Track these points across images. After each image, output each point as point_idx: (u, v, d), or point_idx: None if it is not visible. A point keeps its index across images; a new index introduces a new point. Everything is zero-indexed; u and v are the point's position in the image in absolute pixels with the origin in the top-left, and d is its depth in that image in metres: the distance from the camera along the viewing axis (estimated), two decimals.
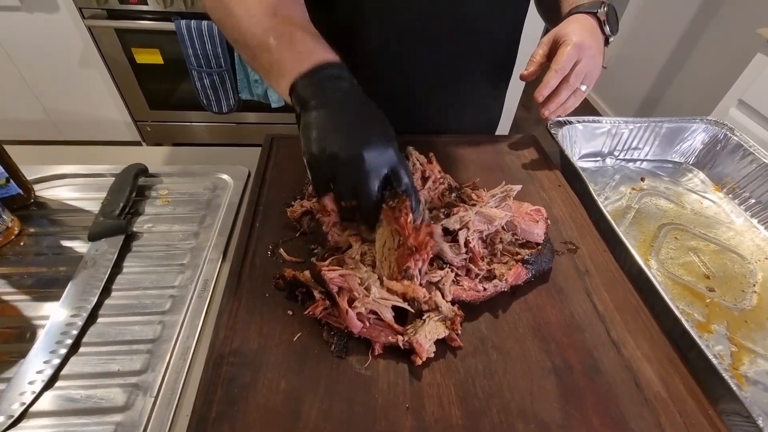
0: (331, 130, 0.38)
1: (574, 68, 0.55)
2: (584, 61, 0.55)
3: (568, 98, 0.57)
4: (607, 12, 0.57)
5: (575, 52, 0.54)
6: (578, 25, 0.55)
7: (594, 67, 0.56)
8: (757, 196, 0.66)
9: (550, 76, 0.55)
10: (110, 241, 0.51)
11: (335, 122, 0.38)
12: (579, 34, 0.54)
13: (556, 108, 0.58)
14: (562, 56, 0.53)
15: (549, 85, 0.55)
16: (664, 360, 0.41)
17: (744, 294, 0.54)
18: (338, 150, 0.37)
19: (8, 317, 0.45)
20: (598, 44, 0.56)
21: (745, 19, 1.84)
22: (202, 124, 1.96)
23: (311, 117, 0.39)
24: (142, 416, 0.37)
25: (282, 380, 0.37)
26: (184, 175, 0.63)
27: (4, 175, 0.53)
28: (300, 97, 0.40)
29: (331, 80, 0.41)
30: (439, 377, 0.38)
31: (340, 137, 0.38)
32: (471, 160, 0.66)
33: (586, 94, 0.58)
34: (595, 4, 0.57)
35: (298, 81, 0.40)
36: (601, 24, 0.57)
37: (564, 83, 0.55)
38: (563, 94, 0.56)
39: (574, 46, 0.53)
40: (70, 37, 1.64)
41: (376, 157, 0.37)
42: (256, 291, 0.44)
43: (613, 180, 0.72)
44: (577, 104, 0.59)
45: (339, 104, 0.39)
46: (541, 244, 0.48)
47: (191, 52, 1.60)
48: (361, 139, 0.37)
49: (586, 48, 0.54)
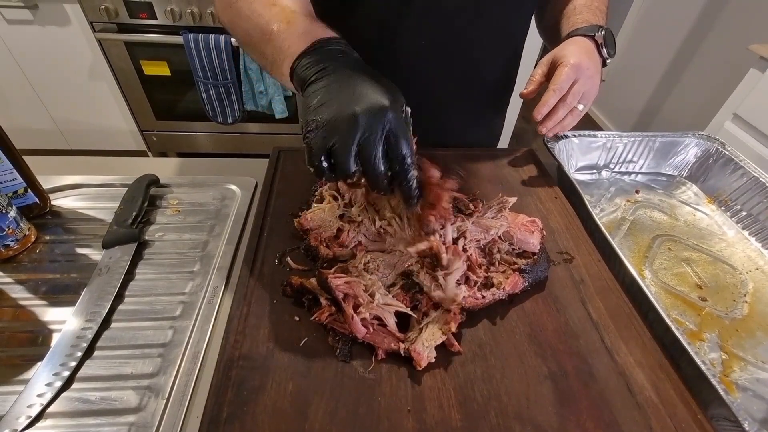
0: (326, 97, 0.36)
1: (571, 88, 0.57)
2: (581, 82, 0.57)
3: (566, 117, 0.59)
4: (604, 35, 0.59)
5: (573, 73, 0.56)
6: (576, 47, 0.58)
7: (591, 87, 0.58)
8: (748, 208, 0.68)
9: (548, 95, 0.57)
10: (123, 249, 0.53)
11: (330, 90, 0.36)
12: (577, 55, 0.56)
13: (554, 126, 0.60)
14: (560, 77, 0.56)
15: (547, 104, 0.57)
16: (656, 366, 0.42)
17: (735, 303, 0.56)
18: (333, 114, 0.35)
19: (24, 321, 0.47)
20: (595, 65, 0.58)
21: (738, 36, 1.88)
22: (206, 134, 2.00)
23: (309, 91, 0.38)
24: (154, 417, 0.38)
25: (289, 383, 0.38)
26: (193, 185, 0.66)
27: (23, 184, 0.56)
28: (299, 77, 0.39)
29: (329, 54, 0.39)
30: (440, 381, 0.40)
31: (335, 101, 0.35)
32: (470, 173, 0.68)
33: (583, 114, 0.61)
34: (593, 27, 0.60)
35: (296, 62, 0.40)
36: (599, 46, 0.60)
37: (561, 102, 0.57)
38: (560, 113, 0.58)
39: (572, 67, 0.55)
40: (80, 49, 1.68)
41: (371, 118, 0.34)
42: (264, 298, 0.46)
43: (609, 192, 0.74)
44: (575, 123, 0.61)
45: (336, 74, 0.37)
46: (537, 253, 0.50)
47: (198, 65, 1.63)
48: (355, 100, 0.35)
49: (583, 69, 0.56)
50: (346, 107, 0.35)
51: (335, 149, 0.35)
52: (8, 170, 0.53)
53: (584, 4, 0.64)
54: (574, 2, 0.65)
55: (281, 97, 1.76)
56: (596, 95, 0.60)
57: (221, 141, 2.03)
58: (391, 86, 0.38)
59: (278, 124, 1.89)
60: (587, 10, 0.63)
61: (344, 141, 0.35)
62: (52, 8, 1.58)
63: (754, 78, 1.33)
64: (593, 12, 0.63)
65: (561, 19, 0.66)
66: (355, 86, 0.36)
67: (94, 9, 1.55)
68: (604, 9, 0.65)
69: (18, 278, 0.51)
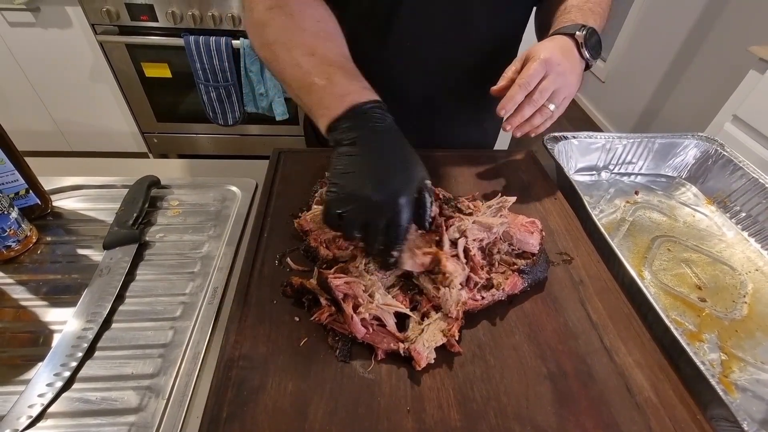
0: (352, 168, 0.40)
1: (539, 84, 0.53)
2: (551, 78, 0.52)
3: (534, 115, 0.55)
4: (585, 35, 0.55)
5: (541, 68, 0.52)
6: (551, 43, 0.55)
7: (564, 85, 0.54)
8: (747, 209, 0.68)
9: (513, 90, 0.53)
10: (124, 250, 0.54)
11: (356, 161, 0.40)
12: (549, 51, 0.53)
13: (521, 123, 0.55)
14: (528, 71, 0.52)
15: (512, 100, 0.53)
16: (655, 367, 0.42)
17: (735, 304, 0.56)
18: (353, 189, 0.39)
19: (25, 322, 0.47)
20: (570, 63, 0.55)
21: (737, 37, 1.89)
22: (207, 135, 2.00)
23: (340, 152, 0.42)
24: (154, 417, 0.39)
25: (289, 383, 0.39)
26: (194, 186, 0.66)
27: (24, 186, 0.56)
28: (334, 138, 0.43)
29: (364, 120, 0.43)
30: (439, 381, 0.40)
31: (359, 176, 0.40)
32: (469, 174, 0.69)
33: (556, 116, 0.56)
34: (575, 26, 0.57)
35: (332, 124, 0.43)
36: (579, 46, 0.56)
37: (528, 99, 0.53)
38: (527, 110, 0.54)
39: (541, 62, 0.52)
40: (82, 51, 1.69)
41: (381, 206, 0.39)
42: (264, 298, 0.46)
43: (608, 193, 0.74)
44: (548, 125, 0.57)
45: (365, 145, 0.41)
46: (536, 254, 0.50)
47: (199, 67, 1.64)
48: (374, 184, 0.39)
49: (553, 64, 0.52)
50: (364, 188, 0.39)
51: (345, 217, 0.40)
52: (10, 171, 0.54)
53: (576, 5, 0.61)
54: (567, 2, 0.63)
55: (281, 99, 1.77)
56: (571, 96, 0.56)
57: (222, 143, 2.03)
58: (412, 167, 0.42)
59: (278, 125, 1.90)
60: (578, 10, 0.60)
61: (354, 215, 0.40)
62: (54, 11, 1.59)
63: (754, 79, 1.33)
64: (583, 12, 0.60)
65: (552, 20, 0.64)
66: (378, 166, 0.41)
67: (96, 11, 1.55)
68: (599, 10, 0.62)
69: (19, 279, 0.51)
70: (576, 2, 0.62)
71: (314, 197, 0.57)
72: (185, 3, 1.55)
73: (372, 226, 0.40)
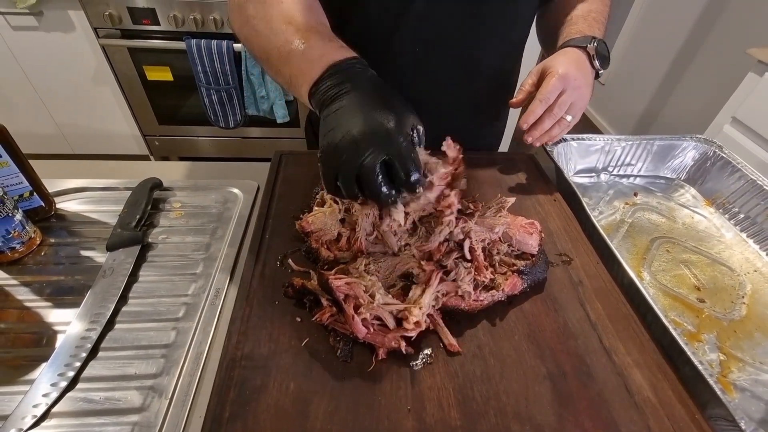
0: (335, 123, 0.38)
1: (558, 99, 0.56)
2: (569, 92, 0.56)
3: (553, 127, 0.59)
4: (596, 47, 0.59)
5: (560, 84, 0.55)
6: (566, 57, 0.58)
7: (579, 98, 0.58)
8: (745, 211, 0.68)
9: (534, 105, 0.57)
10: (127, 252, 0.54)
11: (340, 115, 0.39)
12: (565, 66, 0.56)
13: (540, 135, 0.59)
14: (547, 87, 0.55)
15: (533, 114, 0.57)
16: (654, 367, 0.43)
17: (733, 305, 0.56)
18: (338, 139, 0.37)
19: (29, 323, 0.48)
20: (584, 77, 0.58)
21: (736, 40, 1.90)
22: (208, 138, 2.01)
23: (323, 115, 0.40)
24: (157, 417, 0.39)
25: (291, 383, 0.39)
26: (196, 189, 0.67)
27: (29, 188, 0.56)
28: (317, 101, 0.42)
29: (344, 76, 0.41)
30: (439, 381, 0.40)
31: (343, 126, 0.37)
32: (470, 176, 0.69)
33: (572, 125, 0.60)
34: (586, 38, 0.59)
35: (313, 88, 0.42)
36: (590, 58, 0.59)
37: (548, 112, 0.57)
38: (546, 123, 0.58)
39: (560, 77, 0.55)
40: (84, 55, 1.70)
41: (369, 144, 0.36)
42: (266, 299, 0.47)
43: (607, 195, 0.74)
44: (564, 133, 0.61)
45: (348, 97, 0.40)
46: (536, 255, 0.51)
47: (200, 70, 1.65)
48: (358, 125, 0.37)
49: (570, 79, 0.56)
50: (348, 133, 0.37)
51: (340, 174, 0.38)
52: (14, 174, 0.54)
53: (581, 15, 0.64)
54: (572, 13, 0.65)
55: (282, 102, 1.78)
56: (585, 107, 0.60)
57: (223, 145, 2.04)
58: (400, 108, 0.39)
59: (279, 128, 1.91)
60: (583, 20, 0.63)
61: (345, 167, 0.37)
62: (57, 14, 1.60)
63: (753, 81, 1.34)
64: (589, 23, 0.63)
65: (558, 29, 0.66)
66: (361, 111, 0.38)
67: (98, 15, 1.56)
68: (602, 19, 0.65)
69: (23, 280, 0.52)
70: (581, 12, 0.65)
71: (315, 199, 0.58)
72: (187, 7, 1.56)
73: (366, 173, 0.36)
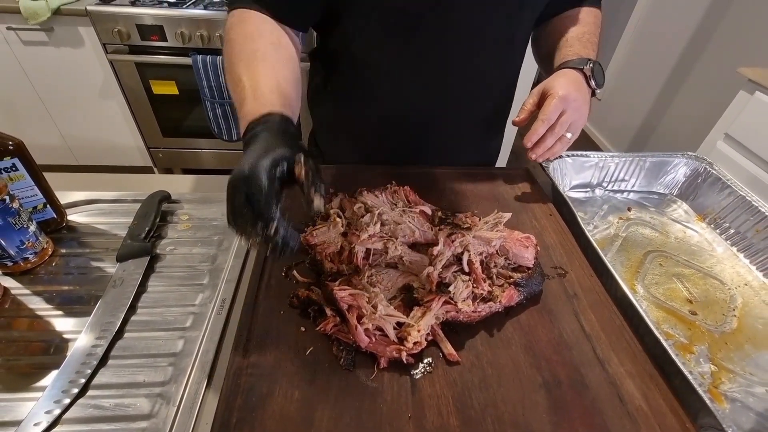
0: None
1: (559, 118, 0.60)
2: (569, 113, 0.60)
3: (555, 144, 0.63)
4: (592, 68, 0.63)
5: (561, 104, 0.59)
6: (565, 79, 0.61)
7: (579, 117, 0.62)
8: (736, 226, 0.70)
9: (537, 125, 0.60)
10: (136, 262, 0.56)
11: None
12: (565, 87, 0.60)
13: (543, 152, 0.63)
14: (548, 108, 0.59)
15: (536, 133, 0.61)
16: (646, 377, 0.44)
17: (725, 318, 0.58)
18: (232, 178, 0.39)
19: (39, 331, 0.49)
20: (583, 97, 0.62)
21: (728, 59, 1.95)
22: (211, 151, 2.04)
23: None
24: (165, 423, 0.40)
25: (296, 390, 0.40)
26: (203, 201, 0.68)
27: (42, 200, 0.58)
28: None
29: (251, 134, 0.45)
30: (439, 389, 0.42)
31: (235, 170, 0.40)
32: (468, 191, 0.71)
33: (572, 142, 0.64)
34: (582, 60, 0.64)
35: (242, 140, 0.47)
36: (587, 78, 0.63)
37: (550, 131, 0.61)
38: (549, 141, 0.62)
39: (560, 98, 0.59)
40: (92, 69, 1.74)
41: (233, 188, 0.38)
42: (271, 309, 0.48)
43: (602, 210, 0.76)
44: (564, 149, 0.65)
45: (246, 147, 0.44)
46: (531, 268, 0.53)
47: (206, 84, 1.69)
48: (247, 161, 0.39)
49: (570, 100, 0.60)
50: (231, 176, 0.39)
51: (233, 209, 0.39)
52: (30, 186, 0.56)
53: (576, 37, 0.68)
54: (567, 35, 0.69)
55: None
56: (584, 124, 0.64)
57: (226, 158, 2.07)
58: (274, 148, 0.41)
59: None
60: (578, 42, 0.67)
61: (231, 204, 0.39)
62: (67, 30, 1.64)
63: (744, 100, 1.37)
64: (584, 44, 0.67)
65: (554, 51, 0.70)
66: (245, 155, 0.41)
67: (108, 31, 1.61)
68: (595, 40, 0.69)
69: (35, 290, 0.53)
70: (575, 34, 0.68)
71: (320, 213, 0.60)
72: (194, 24, 1.61)
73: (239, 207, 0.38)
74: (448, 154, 0.80)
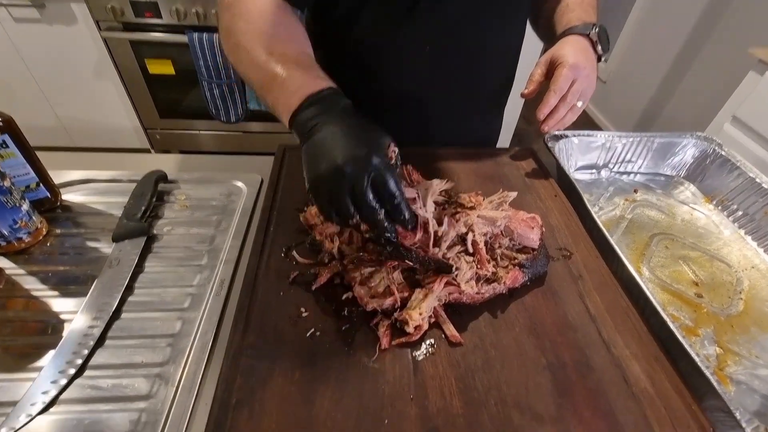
0: (315, 154, 0.40)
1: (570, 88, 0.59)
2: (580, 81, 0.59)
3: (566, 114, 0.61)
4: (598, 33, 0.61)
5: (571, 73, 0.58)
6: (572, 47, 0.60)
7: (588, 85, 0.60)
8: (744, 208, 0.69)
9: (549, 96, 0.59)
10: (133, 243, 0.55)
11: (319, 146, 0.40)
12: (574, 55, 0.58)
13: (555, 123, 0.62)
14: (559, 78, 0.58)
15: (549, 104, 0.59)
16: (651, 359, 0.44)
17: (731, 300, 0.57)
18: (323, 170, 0.39)
19: (36, 312, 0.48)
20: (591, 64, 0.60)
21: (738, 39, 1.90)
22: (209, 132, 2.01)
23: (304, 148, 0.42)
24: (164, 404, 0.40)
25: (296, 371, 0.40)
26: (200, 181, 0.67)
27: (35, 179, 0.57)
28: (298, 134, 0.44)
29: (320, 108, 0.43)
30: (441, 371, 0.41)
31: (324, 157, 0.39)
32: (471, 171, 0.70)
33: (582, 109, 0.63)
34: (587, 26, 0.61)
35: (292, 118, 0.44)
36: (593, 44, 0.62)
37: (562, 102, 0.59)
38: (561, 111, 0.60)
39: (570, 67, 0.57)
40: (86, 48, 1.70)
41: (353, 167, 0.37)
42: (271, 289, 0.47)
43: (608, 191, 0.75)
44: (575, 119, 0.63)
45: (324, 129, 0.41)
46: (536, 249, 0.51)
47: (202, 64, 1.65)
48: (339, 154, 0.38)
49: (581, 68, 0.58)
50: (330, 162, 0.38)
51: (333, 200, 0.39)
52: (22, 165, 0.55)
53: (577, 2, 0.66)
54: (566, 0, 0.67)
55: None
56: (593, 91, 0.62)
57: (224, 140, 2.04)
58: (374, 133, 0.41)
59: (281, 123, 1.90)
60: (579, 7, 0.65)
61: (336, 192, 0.38)
62: (59, 7, 1.59)
63: (753, 81, 1.34)
64: (585, 8, 0.65)
65: (554, 17, 0.67)
66: (340, 140, 0.40)
67: (101, 8, 1.56)
68: (595, 3, 0.67)
69: (30, 270, 0.52)
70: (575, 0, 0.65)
71: None
72: (189, 0, 1.56)
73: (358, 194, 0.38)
74: (449, 133, 0.78)
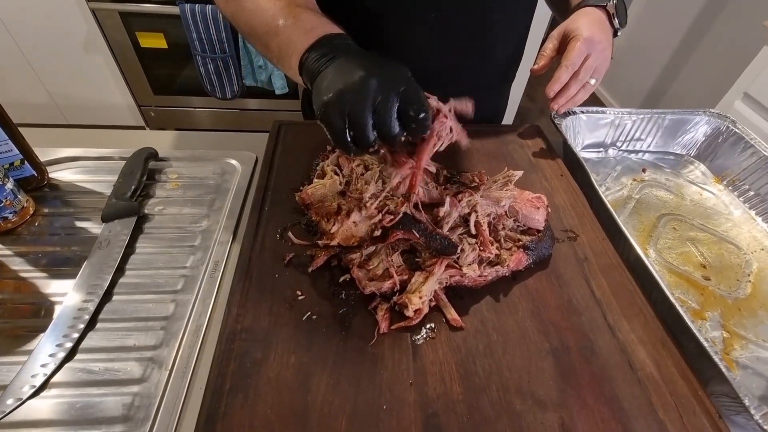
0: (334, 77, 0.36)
1: (584, 63, 0.55)
2: (594, 56, 0.55)
3: (578, 92, 0.58)
4: (616, 4, 0.57)
5: (585, 48, 0.54)
6: (588, 19, 0.56)
7: (603, 60, 0.57)
8: (756, 188, 0.66)
9: (560, 71, 0.56)
10: (123, 223, 0.53)
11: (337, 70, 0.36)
12: (588, 28, 0.55)
13: (566, 101, 0.59)
14: (572, 52, 0.54)
15: (560, 81, 0.56)
16: (657, 343, 0.42)
17: (738, 283, 0.56)
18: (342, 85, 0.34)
19: (25, 293, 0.47)
20: (607, 38, 0.57)
21: (752, 12, 1.82)
22: (205, 109, 1.96)
23: (318, 80, 0.38)
24: (157, 388, 0.39)
25: (292, 356, 0.39)
26: (193, 159, 0.65)
27: (19, 156, 0.54)
28: (309, 70, 0.40)
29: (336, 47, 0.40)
30: (442, 355, 0.40)
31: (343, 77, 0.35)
32: (475, 149, 0.67)
33: (595, 87, 0.59)
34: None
35: (305, 56, 0.40)
36: (611, 17, 0.58)
37: (574, 78, 0.56)
38: (573, 89, 0.57)
39: (584, 41, 0.54)
40: (74, 19, 1.63)
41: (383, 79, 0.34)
42: (266, 272, 0.46)
43: (615, 171, 0.73)
44: (586, 97, 0.60)
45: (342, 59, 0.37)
46: (541, 230, 0.50)
47: (195, 37, 1.59)
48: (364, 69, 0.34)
49: (595, 42, 0.55)
50: (354, 75, 0.34)
51: (351, 120, 0.34)
52: (3, 141, 0.52)
53: None
54: None
55: (281, 72, 1.72)
56: (607, 68, 0.59)
57: (220, 117, 1.99)
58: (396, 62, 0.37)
59: (278, 100, 1.86)
60: None
61: (357, 110, 0.34)
62: None
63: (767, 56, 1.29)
64: None
65: None
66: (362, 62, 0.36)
67: None
68: None
69: (18, 251, 0.51)
70: None
71: (315, 171, 0.56)
72: None
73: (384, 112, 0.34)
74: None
